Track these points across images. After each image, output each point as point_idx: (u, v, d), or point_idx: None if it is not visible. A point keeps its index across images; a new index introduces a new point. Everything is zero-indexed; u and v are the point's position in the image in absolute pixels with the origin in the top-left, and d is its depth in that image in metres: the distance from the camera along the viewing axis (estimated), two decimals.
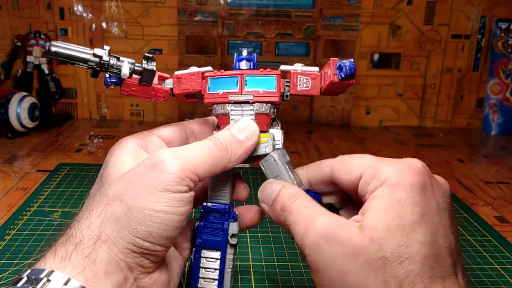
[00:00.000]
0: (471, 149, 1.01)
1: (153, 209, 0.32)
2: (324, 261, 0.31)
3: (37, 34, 1.04)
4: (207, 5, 1.08)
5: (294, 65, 0.39)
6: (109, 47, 0.36)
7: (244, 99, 0.38)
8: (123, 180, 0.34)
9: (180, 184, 0.33)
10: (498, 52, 1.12)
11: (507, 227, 0.66)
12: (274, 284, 0.50)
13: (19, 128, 0.95)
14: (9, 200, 0.68)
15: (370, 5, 1.10)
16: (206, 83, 0.39)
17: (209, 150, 0.35)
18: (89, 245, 0.32)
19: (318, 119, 1.15)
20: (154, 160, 0.34)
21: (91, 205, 0.34)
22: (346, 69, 0.37)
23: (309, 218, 0.33)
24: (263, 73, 0.38)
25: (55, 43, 0.35)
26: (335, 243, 0.31)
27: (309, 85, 0.39)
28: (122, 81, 0.37)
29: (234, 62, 0.40)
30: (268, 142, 0.38)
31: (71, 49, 0.35)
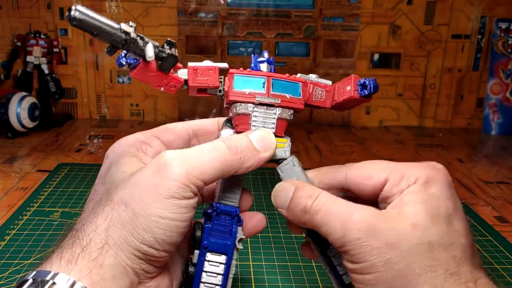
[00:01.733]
0: (471, 149, 1.01)
1: (159, 216, 0.32)
2: (369, 252, 0.31)
3: (37, 34, 1.04)
4: (207, 5, 1.08)
5: (309, 75, 0.39)
6: (134, 24, 0.33)
7: (270, 101, 0.37)
8: (129, 184, 0.34)
9: (185, 190, 0.32)
10: (498, 52, 1.12)
11: (507, 227, 0.66)
12: (274, 284, 0.50)
13: (19, 128, 0.95)
14: (9, 200, 0.68)
15: (370, 5, 1.10)
16: (231, 79, 0.37)
17: (219, 153, 0.34)
18: (96, 248, 0.31)
19: (318, 119, 1.15)
20: (159, 164, 0.33)
21: (96, 208, 0.34)
22: (371, 87, 0.37)
23: (344, 214, 0.32)
24: (289, 79, 0.38)
25: (80, 8, 0.31)
26: (379, 235, 0.31)
27: (323, 97, 0.39)
28: (138, 63, 0.35)
29: (252, 63, 0.38)
30: (286, 147, 0.38)
31: (97, 20, 0.31)
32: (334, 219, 0.33)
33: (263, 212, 0.67)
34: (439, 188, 0.33)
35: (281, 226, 0.62)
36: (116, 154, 0.37)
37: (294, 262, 0.54)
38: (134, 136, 0.39)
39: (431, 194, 0.33)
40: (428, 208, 0.32)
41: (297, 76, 0.39)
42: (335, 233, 0.32)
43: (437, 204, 0.33)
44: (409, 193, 0.33)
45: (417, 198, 0.33)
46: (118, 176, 0.35)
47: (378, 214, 0.33)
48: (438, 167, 0.35)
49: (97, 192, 0.36)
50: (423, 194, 0.33)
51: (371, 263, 0.31)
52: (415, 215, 0.32)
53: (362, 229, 0.31)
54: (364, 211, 0.33)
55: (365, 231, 0.31)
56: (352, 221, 0.32)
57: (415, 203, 0.33)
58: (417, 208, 0.32)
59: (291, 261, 0.54)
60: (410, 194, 0.33)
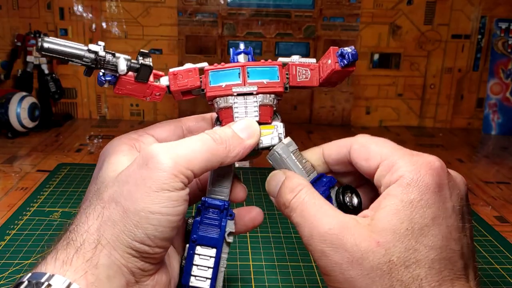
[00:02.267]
0: (471, 149, 1.01)
1: (149, 211, 0.31)
2: (332, 266, 0.31)
3: (37, 34, 1.04)
4: (207, 5, 1.08)
5: (291, 57, 0.39)
6: (103, 42, 0.34)
7: (248, 90, 0.37)
8: (117, 182, 0.33)
9: (174, 181, 0.32)
10: (498, 52, 1.12)
11: (507, 227, 0.66)
12: (274, 284, 0.50)
13: (19, 128, 0.95)
14: (9, 200, 0.68)
15: (370, 5, 1.10)
16: (207, 77, 0.38)
17: (205, 144, 0.34)
18: (90, 249, 0.31)
19: (318, 119, 1.15)
20: (146, 157, 0.32)
21: (88, 208, 0.34)
22: (349, 55, 0.36)
23: (313, 220, 0.32)
24: (265, 64, 0.38)
25: (47, 38, 0.33)
26: (341, 250, 0.30)
27: (308, 76, 0.38)
28: (117, 79, 0.35)
29: (231, 57, 0.39)
30: (273, 134, 0.38)
31: (64, 45, 0.33)
32: (304, 224, 0.33)
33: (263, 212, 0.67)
34: (421, 193, 0.31)
35: (281, 226, 0.62)
36: (108, 154, 0.37)
37: (294, 262, 0.54)
38: (127, 135, 0.39)
39: (408, 202, 0.31)
40: (399, 221, 0.30)
41: (278, 59, 0.38)
42: (304, 237, 0.33)
43: (411, 215, 0.31)
44: (388, 195, 0.32)
45: (392, 206, 0.31)
46: (107, 174, 0.35)
47: (345, 225, 0.31)
48: (434, 164, 0.32)
49: (90, 193, 0.36)
50: (400, 201, 0.31)
51: (333, 277, 0.31)
52: (382, 231, 0.30)
53: (326, 242, 0.31)
54: (333, 220, 0.32)
55: (329, 244, 0.31)
56: (317, 231, 0.32)
57: (387, 213, 0.31)
58: (387, 220, 0.31)
59: (291, 261, 0.54)
60: (388, 197, 0.32)
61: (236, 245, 0.57)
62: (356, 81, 1.14)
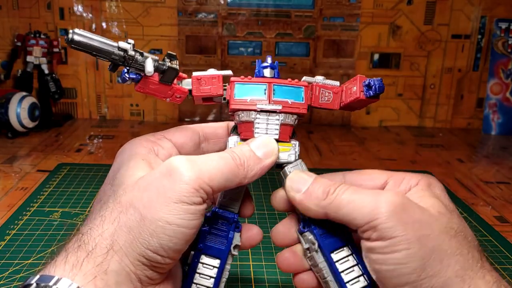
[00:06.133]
0: (471, 149, 1.01)
1: (166, 221, 0.31)
2: (403, 226, 0.31)
3: (37, 34, 1.04)
4: (207, 5, 1.08)
5: (315, 77, 0.39)
6: (133, 41, 0.34)
7: (272, 108, 0.37)
8: (137, 187, 0.33)
9: (195, 195, 0.32)
10: (498, 52, 1.12)
11: (507, 227, 0.66)
12: (274, 284, 0.50)
13: (19, 128, 0.95)
14: (9, 200, 0.68)
15: (370, 5, 1.10)
16: (232, 88, 0.37)
17: (226, 163, 0.34)
18: (101, 254, 0.31)
19: (318, 119, 1.15)
20: (170, 168, 0.33)
21: (104, 211, 0.33)
22: (376, 88, 0.37)
23: (374, 192, 0.33)
24: (291, 84, 0.38)
25: (77, 31, 0.32)
26: (412, 212, 0.32)
27: (330, 99, 0.39)
28: (141, 77, 0.35)
29: (257, 69, 0.38)
30: (291, 151, 0.38)
31: (95, 40, 0.33)
32: (364, 196, 0.33)
33: (263, 212, 0.67)
34: (441, 191, 0.35)
35: None
36: (126, 155, 0.36)
37: None
38: (145, 137, 0.38)
39: (436, 194, 0.35)
40: (441, 203, 0.34)
41: (302, 79, 0.39)
42: (365, 208, 0.32)
43: (445, 201, 0.34)
44: (417, 191, 0.35)
45: (428, 194, 0.34)
46: (126, 178, 0.34)
47: (407, 197, 0.33)
48: (431, 177, 0.37)
49: (105, 194, 0.35)
50: (431, 193, 0.34)
51: (404, 238, 0.31)
52: (434, 205, 0.33)
53: (395, 204, 0.32)
54: (392, 193, 0.33)
55: (399, 206, 0.32)
56: (384, 197, 0.32)
57: (428, 197, 0.34)
58: (433, 200, 0.34)
59: None
60: (419, 191, 0.35)
61: None
62: None
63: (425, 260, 0.31)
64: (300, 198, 0.35)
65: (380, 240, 0.31)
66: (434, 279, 0.31)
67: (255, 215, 0.64)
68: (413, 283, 0.31)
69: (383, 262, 0.32)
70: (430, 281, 0.31)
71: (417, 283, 0.31)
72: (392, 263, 0.31)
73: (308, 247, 0.37)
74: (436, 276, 0.31)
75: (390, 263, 0.31)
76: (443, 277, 0.31)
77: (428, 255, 0.31)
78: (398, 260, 0.31)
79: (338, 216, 0.33)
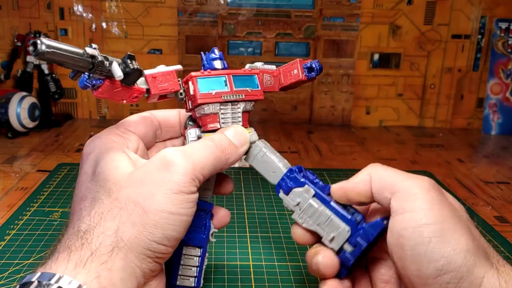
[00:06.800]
0: (471, 149, 1.01)
1: (169, 211, 0.33)
2: (437, 198, 0.34)
3: (37, 34, 1.04)
4: (207, 5, 1.08)
5: (255, 63, 0.42)
6: (97, 44, 0.33)
7: (236, 98, 0.39)
8: (133, 182, 0.34)
9: (192, 184, 0.34)
10: (498, 52, 1.12)
11: (507, 227, 0.66)
12: (274, 284, 0.50)
13: (19, 128, 0.95)
14: (9, 200, 0.68)
15: (370, 5, 1.10)
16: (195, 83, 0.38)
17: (211, 151, 0.36)
18: (106, 252, 0.31)
19: (318, 119, 1.15)
20: (165, 161, 0.34)
21: (99, 208, 0.33)
22: (317, 69, 0.41)
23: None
24: (246, 73, 0.40)
25: (45, 41, 0.29)
26: (443, 192, 0.35)
27: (271, 83, 0.42)
28: (103, 82, 0.34)
29: (206, 61, 0.40)
30: (252, 132, 0.41)
31: (64, 50, 0.30)
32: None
33: (263, 212, 0.67)
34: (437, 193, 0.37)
35: (281, 226, 0.62)
36: (101, 149, 0.36)
37: (294, 262, 0.54)
38: (111, 131, 0.39)
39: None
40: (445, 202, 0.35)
41: (246, 67, 0.41)
42: (404, 179, 0.35)
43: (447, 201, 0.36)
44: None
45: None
46: (112, 171, 0.34)
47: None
48: (427, 179, 0.36)
49: (90, 190, 0.35)
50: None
51: (436, 210, 0.33)
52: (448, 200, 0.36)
53: (432, 182, 0.35)
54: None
55: (434, 183, 0.35)
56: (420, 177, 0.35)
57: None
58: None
59: (291, 261, 0.54)
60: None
61: (236, 245, 0.57)
62: (356, 81, 1.14)
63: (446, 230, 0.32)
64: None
65: (412, 211, 0.33)
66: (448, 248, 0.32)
67: (255, 215, 0.64)
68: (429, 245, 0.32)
69: (411, 234, 0.33)
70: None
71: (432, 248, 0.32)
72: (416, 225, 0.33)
73: (298, 202, 0.38)
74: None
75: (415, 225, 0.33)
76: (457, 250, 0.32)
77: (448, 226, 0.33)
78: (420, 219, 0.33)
79: (379, 180, 0.36)
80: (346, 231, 0.37)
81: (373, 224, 0.36)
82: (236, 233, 0.60)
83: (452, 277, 0.32)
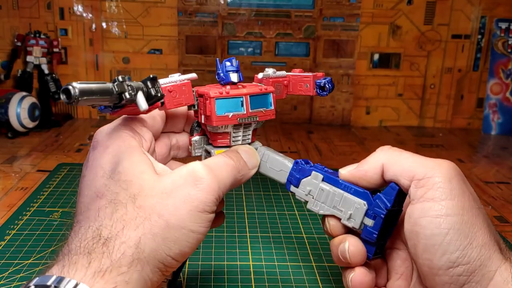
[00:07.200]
0: (471, 149, 1.01)
1: (190, 229, 0.32)
2: (458, 185, 0.34)
3: (37, 34, 1.04)
4: (207, 5, 1.08)
5: (267, 70, 0.41)
6: (123, 76, 0.32)
7: (251, 121, 0.39)
8: (159, 193, 0.33)
9: (214, 204, 0.34)
10: (498, 52, 1.12)
11: (507, 227, 0.66)
12: (274, 284, 0.50)
13: (19, 128, 0.95)
14: (9, 200, 0.68)
15: (370, 5, 1.10)
16: (213, 104, 0.37)
17: (232, 171, 0.36)
18: (126, 263, 0.31)
19: (318, 119, 1.15)
20: (194, 176, 0.33)
21: (121, 214, 0.32)
22: (329, 89, 0.41)
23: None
24: (262, 92, 0.39)
25: (77, 85, 0.28)
26: (465, 179, 0.35)
27: (280, 91, 0.42)
28: (123, 106, 0.33)
29: (222, 71, 0.38)
30: (256, 142, 0.41)
31: (95, 92, 0.29)
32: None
33: (263, 212, 0.67)
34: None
35: (281, 226, 0.62)
36: (120, 146, 0.35)
37: (294, 262, 0.54)
38: (127, 125, 0.37)
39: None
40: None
41: (259, 76, 0.41)
42: (428, 163, 0.36)
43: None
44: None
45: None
46: (138, 177, 0.33)
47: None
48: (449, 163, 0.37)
49: (109, 189, 0.33)
50: None
51: (458, 199, 0.33)
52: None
53: (455, 167, 0.36)
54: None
55: (457, 169, 0.35)
56: (445, 161, 0.36)
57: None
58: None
59: (291, 261, 0.54)
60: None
61: (236, 245, 0.57)
62: (356, 81, 1.14)
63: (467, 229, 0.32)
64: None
65: (432, 200, 0.33)
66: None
67: (255, 215, 0.64)
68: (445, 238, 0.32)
69: (428, 224, 0.33)
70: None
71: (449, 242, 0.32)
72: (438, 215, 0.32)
73: (309, 191, 0.38)
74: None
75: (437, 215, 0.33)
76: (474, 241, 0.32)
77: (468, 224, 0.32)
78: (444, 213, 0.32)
79: (395, 165, 0.36)
80: (363, 205, 0.36)
81: (387, 190, 0.36)
82: (236, 233, 0.60)
83: (465, 270, 0.32)
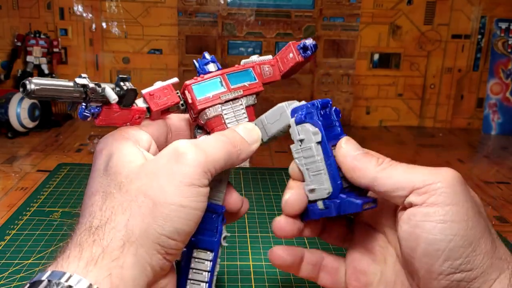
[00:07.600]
0: (471, 149, 1.01)
1: (180, 204, 0.32)
2: (463, 196, 0.32)
3: (37, 34, 1.04)
4: (207, 5, 1.08)
5: (251, 57, 0.41)
6: (86, 74, 0.33)
7: (235, 95, 0.39)
8: (143, 174, 0.33)
9: (203, 177, 0.33)
10: (498, 52, 1.12)
11: (507, 227, 0.66)
12: (274, 284, 0.50)
13: (19, 128, 0.95)
14: (9, 200, 0.68)
15: (370, 5, 1.10)
16: (191, 91, 0.38)
17: (224, 145, 0.35)
18: (117, 247, 0.31)
19: None
20: (177, 152, 0.33)
21: (110, 202, 0.33)
22: (312, 47, 0.40)
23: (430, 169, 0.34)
24: (240, 69, 0.40)
25: (35, 80, 0.30)
26: (468, 187, 0.34)
27: (271, 73, 0.41)
28: (101, 109, 0.34)
29: (199, 68, 0.40)
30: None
31: (54, 85, 0.31)
32: (402, 183, 0.34)
33: (263, 212, 0.67)
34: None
35: None
36: (112, 144, 0.36)
37: None
38: (123, 129, 0.38)
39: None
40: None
41: (241, 63, 0.41)
42: (425, 173, 0.34)
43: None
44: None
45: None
46: (125, 165, 0.34)
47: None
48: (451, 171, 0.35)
49: (101, 184, 0.34)
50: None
51: (463, 209, 0.32)
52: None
53: (457, 175, 0.33)
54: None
55: (459, 177, 0.33)
56: (445, 169, 0.34)
57: None
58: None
59: None
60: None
61: (236, 245, 0.57)
62: (356, 81, 1.14)
63: (473, 241, 0.32)
64: (349, 162, 0.36)
65: (435, 205, 0.32)
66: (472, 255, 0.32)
67: (255, 215, 0.64)
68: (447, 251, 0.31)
69: (432, 228, 0.32)
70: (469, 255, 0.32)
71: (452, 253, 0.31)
72: (445, 233, 0.31)
73: (302, 139, 0.37)
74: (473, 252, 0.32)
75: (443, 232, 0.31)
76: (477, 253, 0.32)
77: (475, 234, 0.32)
78: (452, 231, 0.31)
79: (390, 179, 0.34)
80: (326, 193, 0.36)
81: (352, 202, 0.35)
82: (236, 233, 0.60)
83: (466, 276, 0.31)
